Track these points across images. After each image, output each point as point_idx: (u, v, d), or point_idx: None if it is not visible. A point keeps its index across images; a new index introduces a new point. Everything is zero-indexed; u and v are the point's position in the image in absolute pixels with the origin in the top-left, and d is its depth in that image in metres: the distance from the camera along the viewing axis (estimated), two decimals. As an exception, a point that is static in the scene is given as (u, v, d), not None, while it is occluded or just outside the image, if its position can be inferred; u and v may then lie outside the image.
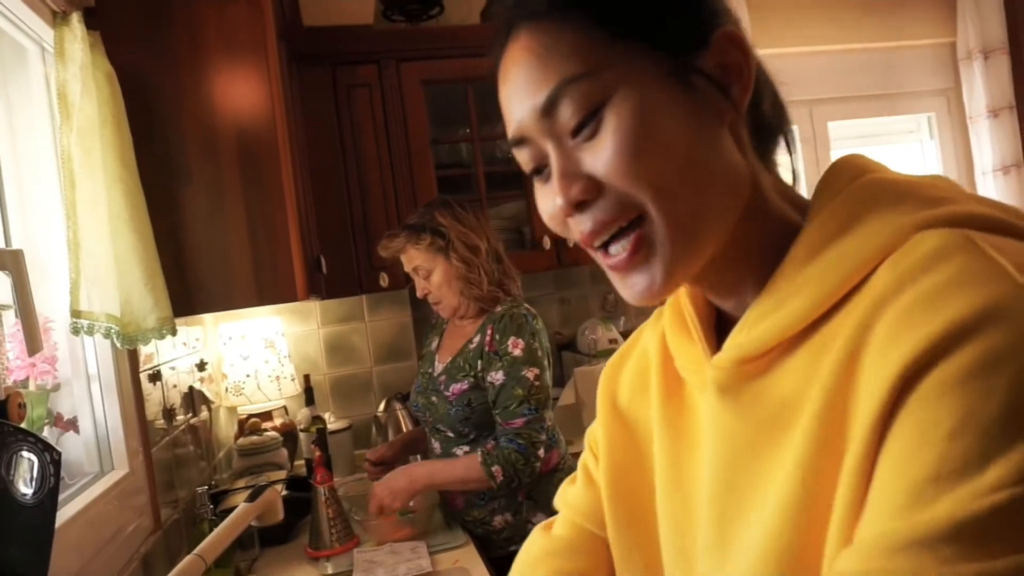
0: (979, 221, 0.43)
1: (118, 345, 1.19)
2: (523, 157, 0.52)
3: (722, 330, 0.55)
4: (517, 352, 1.57)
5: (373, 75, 2.19)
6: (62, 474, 0.91)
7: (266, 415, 2.19)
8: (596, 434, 0.68)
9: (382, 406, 2.27)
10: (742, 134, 0.51)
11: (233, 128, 1.41)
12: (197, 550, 1.03)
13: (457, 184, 2.35)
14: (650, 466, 0.61)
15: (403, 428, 2.18)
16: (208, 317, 2.21)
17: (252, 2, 1.42)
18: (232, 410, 2.27)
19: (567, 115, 0.48)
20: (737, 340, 0.50)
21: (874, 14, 2.96)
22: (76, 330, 1.15)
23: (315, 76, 2.13)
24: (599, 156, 0.47)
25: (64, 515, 1.08)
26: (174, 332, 1.27)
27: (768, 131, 0.54)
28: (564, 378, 2.46)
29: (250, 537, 1.54)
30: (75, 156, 1.16)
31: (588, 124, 0.48)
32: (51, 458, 0.82)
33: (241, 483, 1.81)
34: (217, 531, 1.10)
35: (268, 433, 2.04)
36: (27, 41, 1.26)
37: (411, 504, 1.58)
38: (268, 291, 1.44)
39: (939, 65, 3.10)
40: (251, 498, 1.19)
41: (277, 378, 2.22)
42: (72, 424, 1.22)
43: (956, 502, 0.34)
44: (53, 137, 1.26)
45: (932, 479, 0.35)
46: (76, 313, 1.15)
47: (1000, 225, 0.43)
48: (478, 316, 1.67)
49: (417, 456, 1.83)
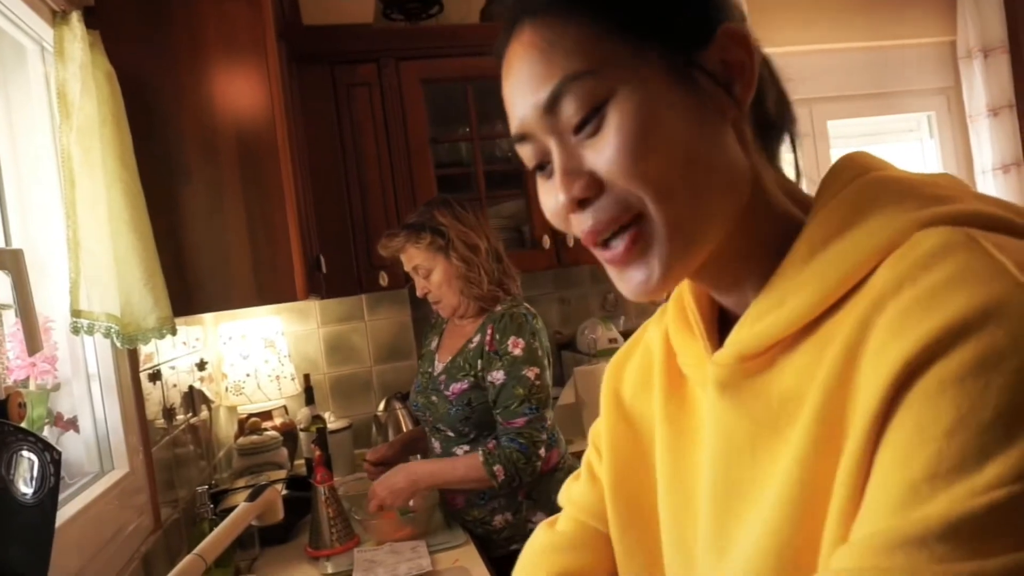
0: (981, 219, 0.43)
1: (118, 345, 1.19)
2: (526, 153, 0.52)
3: (725, 327, 0.55)
4: (517, 352, 1.57)
5: (373, 74, 2.19)
6: (62, 474, 0.91)
7: (266, 415, 2.19)
8: (600, 430, 0.68)
9: (382, 405, 2.27)
10: (745, 131, 0.51)
11: (233, 127, 1.41)
12: (197, 549, 1.03)
13: (457, 183, 2.35)
14: (652, 462, 0.61)
15: (403, 427, 2.18)
16: (208, 317, 2.21)
17: (252, 1, 1.42)
18: (232, 409, 2.27)
19: (570, 112, 0.48)
20: (738, 337, 0.50)
21: (874, 13, 2.96)
22: (76, 330, 1.15)
23: (315, 75, 2.12)
24: (601, 154, 0.47)
25: (64, 515, 1.08)
26: (174, 332, 1.27)
27: (772, 128, 0.54)
28: (564, 378, 2.46)
29: (250, 537, 1.54)
30: (75, 155, 1.16)
31: (591, 121, 0.47)
32: (51, 457, 0.82)
33: (241, 482, 1.81)
34: (217, 531, 1.10)
35: (268, 433, 2.04)
36: (27, 40, 1.26)
37: (411, 503, 1.58)
38: (268, 290, 1.44)
39: (939, 64, 3.10)
40: (251, 497, 1.19)
41: (277, 377, 2.22)
42: (72, 424, 1.22)
43: (952, 500, 0.34)
44: (53, 136, 1.26)
45: (929, 477, 0.35)
46: (76, 313, 1.15)
47: (1002, 223, 0.43)
48: (478, 315, 1.67)
49: (417, 456, 1.83)
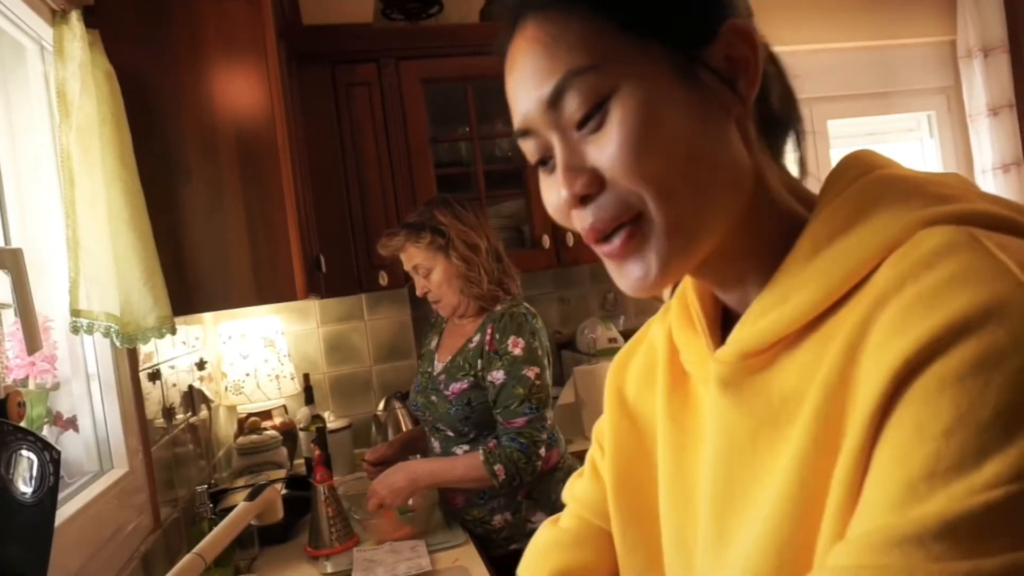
0: (985, 219, 0.43)
1: (117, 344, 1.19)
2: (528, 148, 0.52)
3: (728, 325, 0.55)
4: (517, 351, 1.56)
5: (372, 74, 2.19)
6: (61, 473, 0.91)
7: (266, 414, 2.19)
8: (603, 428, 0.68)
9: (381, 405, 2.27)
10: (749, 128, 0.50)
11: (232, 127, 1.41)
12: (197, 549, 1.03)
13: (456, 183, 2.35)
14: (655, 460, 0.61)
15: (403, 427, 2.18)
16: (207, 316, 2.21)
17: (251, 1, 1.42)
18: (232, 409, 2.27)
19: (573, 107, 0.48)
20: (741, 334, 0.50)
21: (874, 12, 2.96)
22: (75, 329, 1.15)
23: (314, 75, 2.12)
24: (604, 150, 0.47)
25: (64, 514, 1.08)
26: (173, 331, 1.27)
27: (776, 125, 0.53)
28: (564, 377, 2.46)
29: (250, 536, 1.54)
30: (74, 155, 1.16)
31: (594, 116, 0.47)
32: (50, 457, 0.82)
33: (241, 482, 1.81)
34: (217, 530, 1.10)
35: (268, 432, 2.04)
36: (26, 39, 1.26)
37: (410, 503, 1.58)
38: (267, 290, 1.44)
39: (939, 63, 3.11)
40: (251, 497, 1.19)
41: (277, 377, 2.22)
42: (71, 423, 1.22)
43: (950, 499, 0.34)
44: (52, 136, 1.26)
45: (927, 475, 0.35)
46: (75, 312, 1.15)
47: (1006, 223, 0.43)
48: (478, 315, 1.67)
49: (416, 455, 1.83)
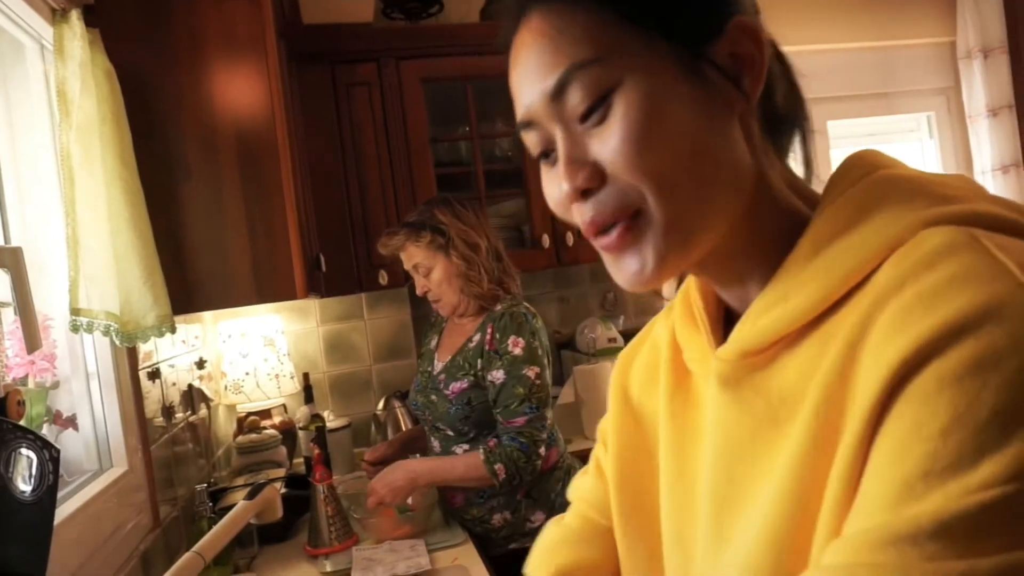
0: (986, 220, 0.43)
1: (117, 343, 1.19)
2: (531, 140, 0.52)
3: (730, 323, 0.55)
4: (517, 351, 1.57)
5: (372, 73, 2.19)
6: (61, 471, 0.91)
7: (265, 413, 2.19)
8: (607, 426, 0.68)
9: (381, 404, 2.27)
10: (752, 126, 0.50)
11: (232, 126, 1.41)
12: (196, 547, 1.03)
13: (456, 182, 2.35)
14: (657, 458, 0.61)
15: (402, 426, 2.18)
16: (207, 315, 2.21)
17: (252, 0, 1.42)
18: (231, 408, 2.27)
19: (576, 100, 0.47)
20: (741, 333, 0.50)
21: (873, 13, 2.96)
22: (75, 328, 1.15)
23: (314, 74, 2.12)
24: (606, 143, 0.47)
25: (63, 512, 1.08)
26: (173, 330, 1.27)
27: (781, 124, 0.53)
28: (563, 377, 2.46)
29: (249, 535, 1.54)
30: (74, 153, 1.16)
31: (597, 110, 0.47)
32: (50, 455, 0.82)
33: (240, 481, 1.81)
34: (216, 529, 1.10)
35: (267, 431, 2.04)
36: (26, 38, 1.26)
37: (409, 501, 1.58)
38: (267, 289, 1.44)
39: (939, 64, 3.11)
40: (250, 496, 1.19)
41: (276, 376, 2.22)
42: (71, 422, 1.22)
43: (946, 498, 0.34)
44: (52, 134, 1.26)
45: (923, 474, 0.35)
46: (75, 311, 1.15)
47: (1007, 224, 0.43)
48: (478, 314, 1.67)
49: (416, 455, 1.83)
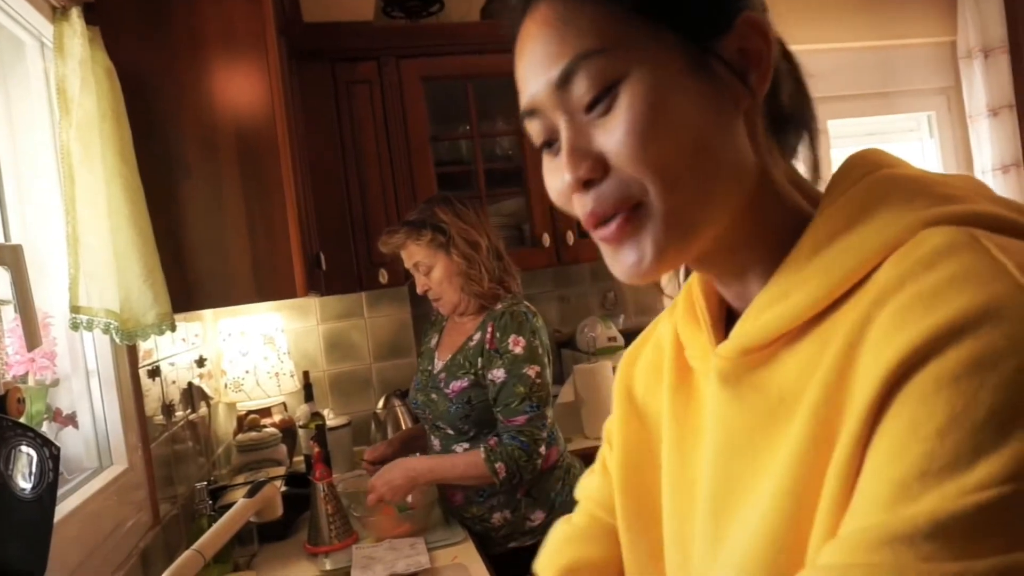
0: (987, 220, 0.43)
1: (117, 341, 1.19)
2: (534, 129, 0.52)
3: (732, 321, 0.55)
4: (518, 350, 1.57)
5: (373, 72, 2.18)
6: (61, 469, 0.91)
7: (265, 411, 2.19)
8: (612, 425, 0.68)
9: (381, 403, 2.27)
10: (757, 123, 0.50)
11: (233, 124, 1.41)
12: (196, 545, 1.03)
13: (457, 181, 2.35)
14: (660, 457, 0.61)
15: (402, 425, 2.18)
16: (207, 313, 2.21)
17: (252, -2, 1.42)
18: (231, 406, 2.27)
19: (581, 90, 0.47)
20: (742, 330, 0.50)
21: (874, 12, 2.96)
22: (75, 325, 1.15)
23: (315, 72, 2.12)
24: (611, 134, 0.47)
25: (63, 510, 1.08)
26: (173, 328, 1.27)
27: (786, 122, 0.53)
28: (563, 376, 2.46)
29: (249, 533, 1.54)
30: (74, 151, 1.16)
31: (602, 100, 0.47)
32: (50, 453, 0.82)
33: (240, 479, 1.82)
34: (216, 527, 1.10)
35: (267, 429, 2.05)
36: (26, 36, 1.26)
37: (409, 499, 1.58)
38: (267, 287, 1.44)
39: (939, 64, 3.10)
40: (250, 494, 1.19)
41: (276, 374, 2.22)
42: (71, 419, 1.22)
43: (942, 498, 0.34)
44: (52, 132, 1.26)
45: (920, 474, 0.35)
46: (75, 309, 1.15)
47: (1008, 225, 0.43)
48: (478, 313, 1.67)
49: (416, 453, 1.83)
